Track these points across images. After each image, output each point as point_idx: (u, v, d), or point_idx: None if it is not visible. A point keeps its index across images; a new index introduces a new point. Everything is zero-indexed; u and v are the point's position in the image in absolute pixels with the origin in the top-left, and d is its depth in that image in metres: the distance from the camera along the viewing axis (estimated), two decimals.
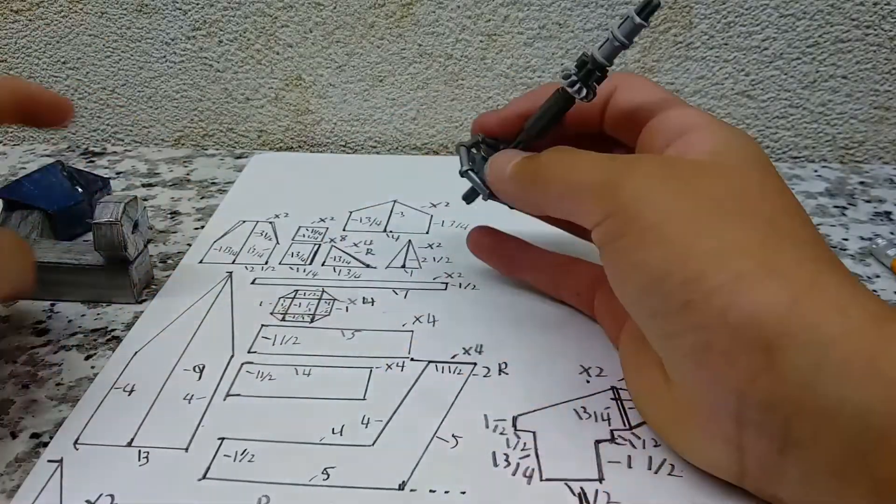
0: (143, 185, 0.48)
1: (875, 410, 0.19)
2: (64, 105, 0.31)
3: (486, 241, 0.35)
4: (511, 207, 0.32)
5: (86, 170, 0.45)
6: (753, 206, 0.23)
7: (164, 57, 0.51)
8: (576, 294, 0.33)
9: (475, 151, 0.32)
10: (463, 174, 0.32)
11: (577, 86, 0.27)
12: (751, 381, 0.21)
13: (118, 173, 0.49)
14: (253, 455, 0.26)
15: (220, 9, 0.49)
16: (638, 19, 0.26)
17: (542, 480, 0.25)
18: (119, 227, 0.32)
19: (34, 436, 0.27)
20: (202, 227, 0.42)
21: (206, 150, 0.54)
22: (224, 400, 0.29)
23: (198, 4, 0.49)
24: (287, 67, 0.51)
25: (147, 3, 0.49)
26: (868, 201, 0.45)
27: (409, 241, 0.40)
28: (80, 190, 0.41)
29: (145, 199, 0.45)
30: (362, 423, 0.27)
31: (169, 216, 0.44)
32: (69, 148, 0.54)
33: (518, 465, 0.26)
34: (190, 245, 0.40)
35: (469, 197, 0.34)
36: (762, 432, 0.21)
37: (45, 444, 0.27)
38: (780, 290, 0.21)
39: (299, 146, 0.54)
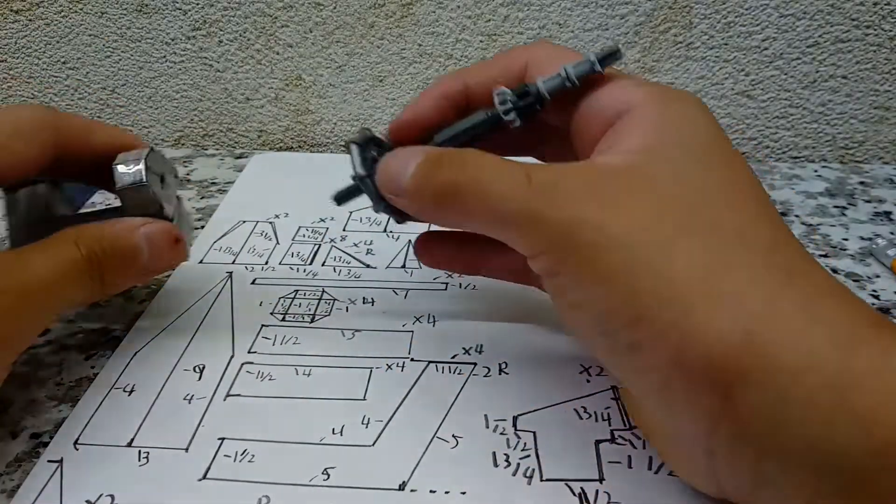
0: None
1: (850, 453, 0.17)
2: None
3: (438, 248, 0.30)
4: (399, 222, 0.27)
5: None
6: (697, 214, 0.20)
7: (164, 57, 0.51)
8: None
9: (369, 151, 0.27)
10: (358, 180, 0.26)
11: (513, 115, 0.25)
12: (714, 422, 0.19)
13: None
14: (253, 455, 0.26)
15: (220, 9, 0.49)
16: (598, 66, 0.24)
17: (542, 480, 0.25)
18: (148, 189, 0.28)
19: (34, 436, 0.27)
20: (202, 227, 0.42)
21: (206, 150, 0.54)
22: (224, 400, 0.29)
23: (198, 4, 0.49)
24: (287, 67, 0.51)
25: (147, 3, 0.49)
26: (868, 201, 0.45)
27: (409, 241, 0.40)
28: None
29: None
30: (362, 424, 0.27)
31: None
32: None
33: (518, 465, 0.26)
34: (190, 245, 0.40)
35: (343, 197, 0.28)
36: (734, 469, 0.20)
37: (45, 444, 0.27)
38: (732, 321, 0.18)
39: (299, 146, 0.54)
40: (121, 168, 0.28)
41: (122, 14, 0.50)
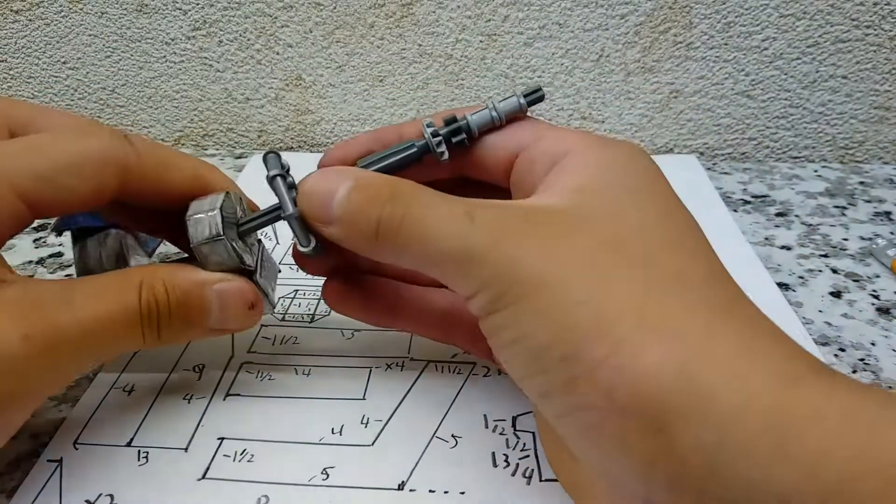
0: None
1: (795, 498, 0.16)
2: None
3: (349, 294, 0.28)
4: (304, 246, 0.24)
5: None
6: (632, 252, 0.20)
7: (164, 57, 0.51)
8: (471, 343, 0.28)
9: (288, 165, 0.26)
10: (270, 181, 0.25)
11: (443, 147, 0.25)
12: (650, 465, 0.18)
13: None
14: (252, 455, 0.26)
15: (220, 9, 0.49)
16: (523, 100, 0.24)
17: (541, 481, 0.25)
18: (224, 243, 0.25)
19: (34, 436, 0.27)
20: None
21: (206, 150, 0.54)
22: (224, 400, 0.29)
23: (198, 4, 0.49)
24: (287, 67, 0.51)
25: (147, 3, 0.49)
26: (868, 201, 0.45)
27: None
28: None
29: None
30: (362, 423, 0.27)
31: None
32: None
33: (517, 465, 0.26)
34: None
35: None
36: None
37: (45, 444, 0.27)
38: (665, 356, 0.18)
39: (299, 146, 0.54)
40: (194, 220, 0.25)
41: (122, 14, 0.50)
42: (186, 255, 0.27)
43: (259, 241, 0.28)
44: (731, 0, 0.46)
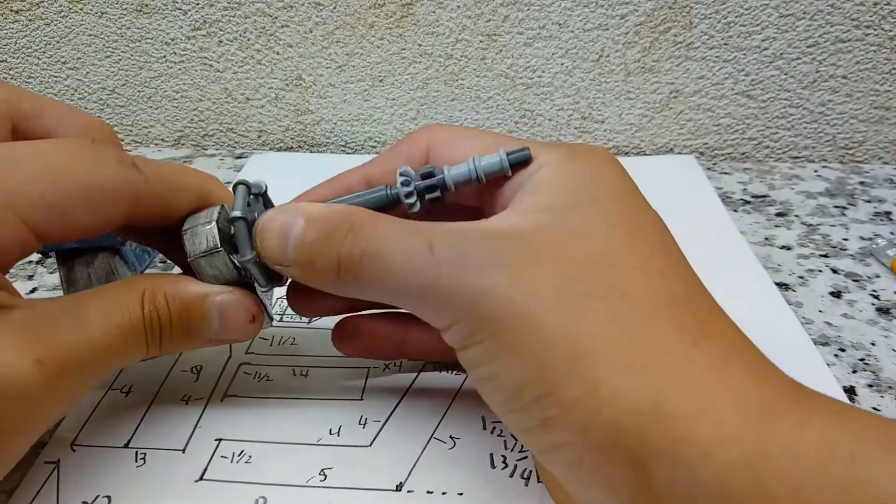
0: None
1: None
2: None
3: (355, 340, 0.28)
4: (263, 286, 0.25)
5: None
6: (603, 277, 0.19)
7: (164, 57, 0.51)
8: None
9: (254, 199, 0.25)
10: (232, 222, 0.24)
11: (415, 198, 0.24)
12: (633, 499, 0.18)
13: None
14: (250, 456, 0.26)
15: (220, 9, 0.49)
16: (506, 162, 0.22)
17: (539, 482, 0.25)
18: (223, 255, 0.24)
19: None
20: None
21: (206, 150, 0.54)
22: (221, 401, 0.29)
23: (198, 4, 0.49)
24: (287, 67, 0.51)
25: (147, 3, 0.49)
26: (868, 201, 0.45)
27: None
28: None
29: None
30: (359, 424, 0.27)
31: None
32: None
33: (515, 466, 0.26)
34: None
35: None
36: None
37: (45, 445, 0.27)
38: (640, 393, 0.18)
39: (299, 146, 0.54)
40: (190, 234, 0.25)
41: (122, 14, 0.50)
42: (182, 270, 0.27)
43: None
44: (731, 0, 0.46)
